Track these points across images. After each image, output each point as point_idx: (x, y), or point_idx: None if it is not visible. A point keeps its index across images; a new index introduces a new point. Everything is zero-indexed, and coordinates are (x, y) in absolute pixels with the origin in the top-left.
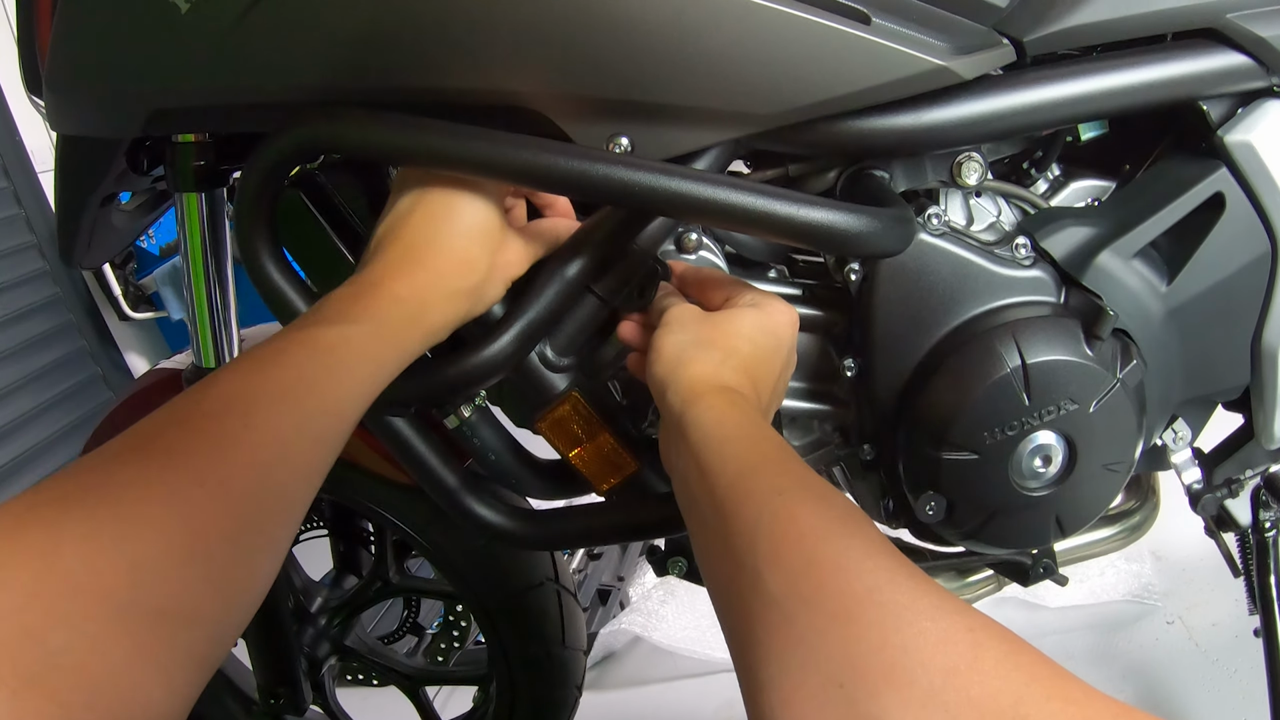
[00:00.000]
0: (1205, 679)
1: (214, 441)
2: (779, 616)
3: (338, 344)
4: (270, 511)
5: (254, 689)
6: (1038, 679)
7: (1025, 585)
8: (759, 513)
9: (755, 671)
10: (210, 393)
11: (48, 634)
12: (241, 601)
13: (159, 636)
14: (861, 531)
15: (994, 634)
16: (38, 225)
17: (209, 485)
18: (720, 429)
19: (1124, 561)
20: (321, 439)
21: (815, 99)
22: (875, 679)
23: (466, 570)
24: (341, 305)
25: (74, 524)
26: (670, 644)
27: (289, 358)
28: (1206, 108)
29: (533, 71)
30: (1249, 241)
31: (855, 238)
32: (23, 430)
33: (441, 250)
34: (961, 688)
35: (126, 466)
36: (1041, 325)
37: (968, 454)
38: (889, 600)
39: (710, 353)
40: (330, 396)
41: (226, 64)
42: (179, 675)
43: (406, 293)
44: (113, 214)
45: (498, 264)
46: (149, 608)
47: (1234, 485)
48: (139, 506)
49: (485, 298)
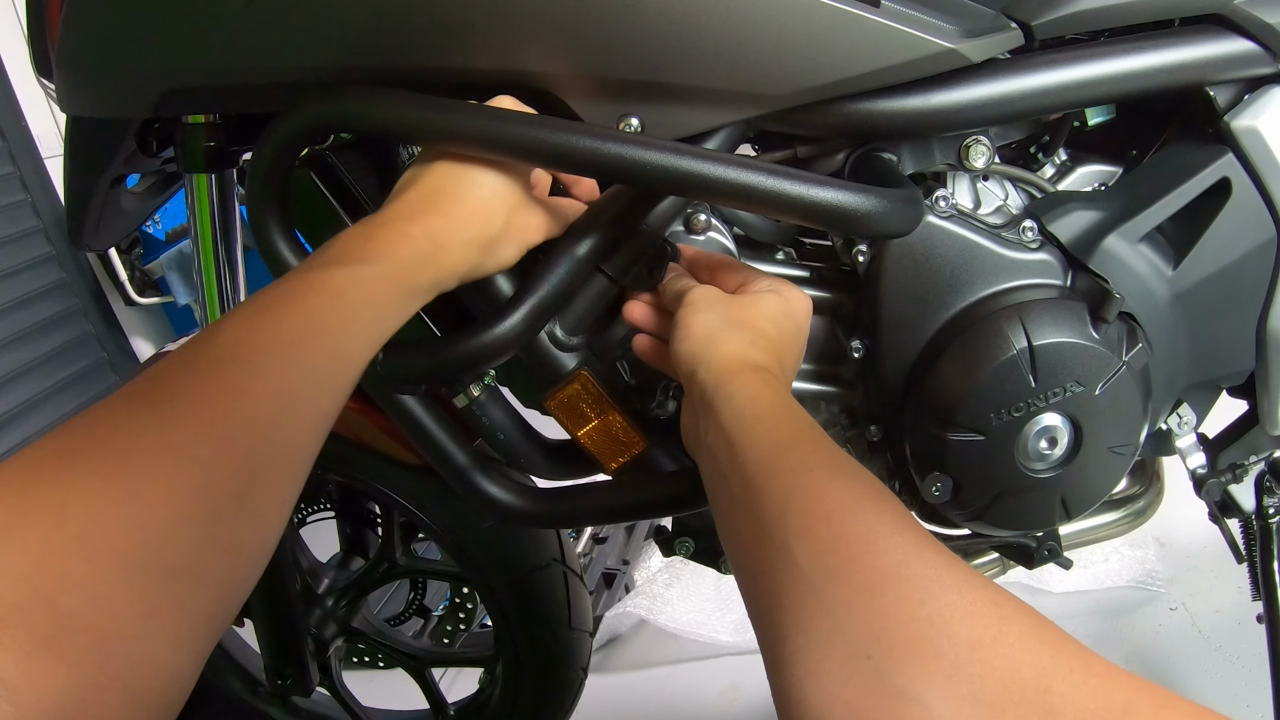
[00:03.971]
0: (1208, 665)
1: (221, 392)
2: (807, 589)
3: (347, 286)
4: (277, 465)
5: (261, 670)
6: (1061, 652)
7: (1030, 568)
8: (790, 488)
9: (781, 643)
10: (218, 339)
11: (59, 596)
12: (249, 559)
13: (168, 596)
14: (889, 508)
15: (1018, 608)
16: (44, 210)
17: (214, 440)
18: (755, 406)
19: (1128, 547)
20: (329, 388)
21: (825, 80)
22: (902, 651)
23: (473, 551)
24: (352, 244)
25: (81, 480)
26: (675, 627)
27: (296, 302)
28: (1213, 93)
29: (545, 51)
30: (1255, 227)
31: (864, 218)
32: (28, 415)
33: (459, 198)
34: (986, 659)
35: (133, 418)
36: (1048, 308)
37: (974, 435)
38: (916, 574)
39: (741, 333)
40: (339, 343)
41: (238, 44)
42: (188, 635)
43: (420, 233)
44: (121, 196)
45: (514, 224)
46: (157, 567)
47: (1238, 471)
48: (145, 462)
49: (498, 255)
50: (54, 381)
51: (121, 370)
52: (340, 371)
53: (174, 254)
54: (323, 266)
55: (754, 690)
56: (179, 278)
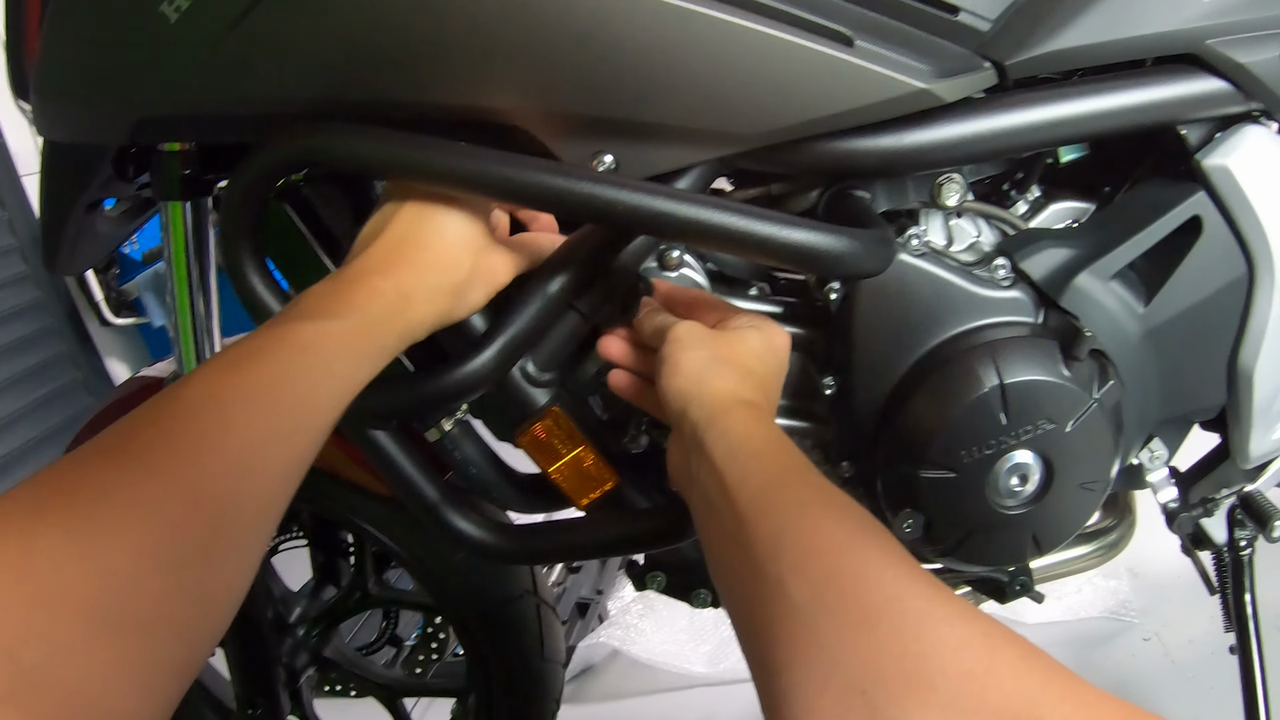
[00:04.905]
0: (1181, 695)
1: (189, 444)
2: (801, 624)
3: (317, 339)
4: (245, 516)
5: (232, 699)
6: (1052, 682)
7: (1002, 602)
8: (783, 524)
9: (776, 679)
10: (186, 392)
11: (22, 648)
12: (217, 608)
13: (134, 646)
14: (882, 543)
15: (1009, 639)
16: (20, 228)
17: (182, 492)
18: (747, 443)
19: (1101, 579)
20: (298, 440)
21: (798, 120)
22: (897, 685)
23: (446, 582)
24: (321, 300)
25: (46, 531)
26: (649, 657)
27: (266, 355)
28: (1185, 132)
29: (519, 89)
30: (1226, 264)
31: (836, 259)
32: (2, 435)
33: (425, 246)
34: (979, 692)
35: (102, 470)
36: (1020, 345)
37: (946, 472)
38: (909, 608)
39: (730, 370)
40: (308, 395)
41: (214, 74)
42: (156, 685)
43: (388, 286)
44: (97, 220)
45: (481, 269)
46: (124, 618)
47: (1210, 504)
48: (112, 514)
49: (466, 301)
50: (27, 402)
51: (96, 391)
52: (310, 423)
53: (150, 275)
54: (293, 320)
55: None
56: (155, 299)
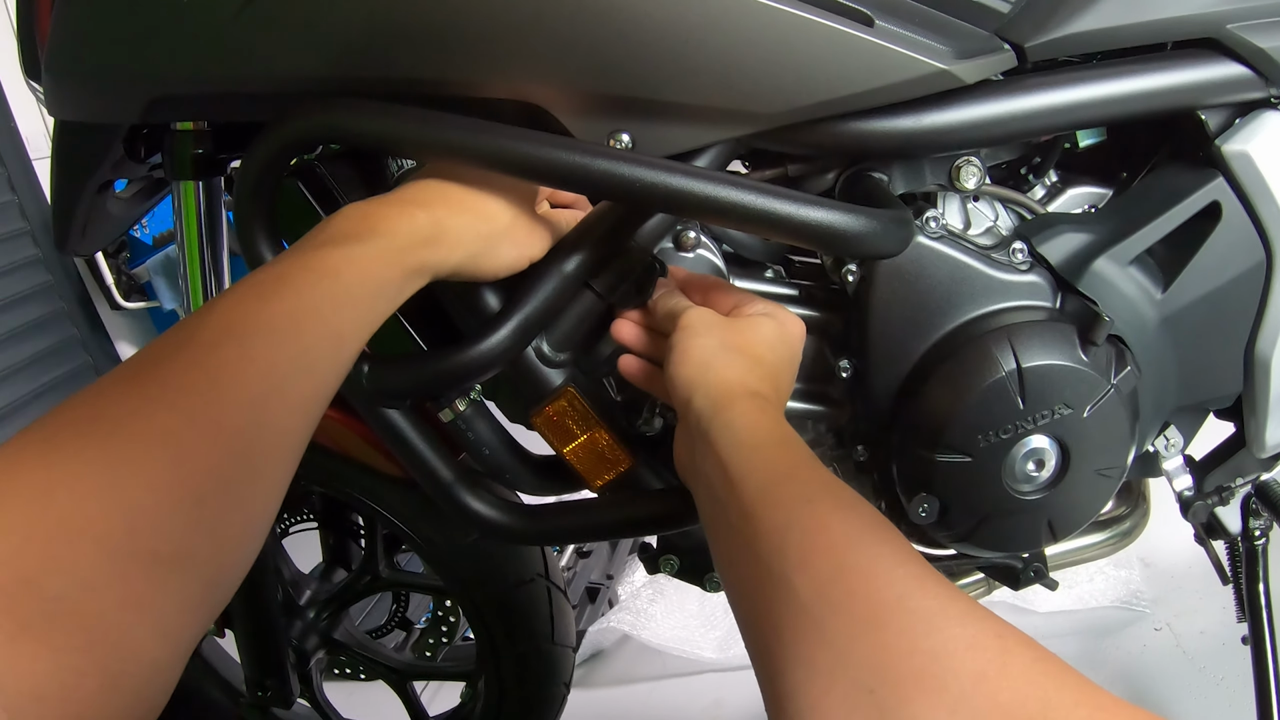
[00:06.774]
0: (1192, 686)
1: (209, 375)
2: (807, 622)
3: (341, 266)
4: (265, 449)
5: (241, 681)
6: (1065, 686)
7: (1015, 589)
8: (789, 520)
9: (781, 676)
10: (209, 320)
11: (44, 579)
12: (237, 545)
13: (152, 582)
14: (890, 540)
15: (1022, 641)
16: (31, 212)
17: (201, 424)
18: (753, 435)
19: (1113, 568)
20: (320, 370)
21: (816, 99)
22: (905, 684)
23: (456, 565)
24: (352, 222)
25: (66, 464)
26: (659, 642)
27: (290, 284)
28: (1205, 117)
29: (536, 67)
30: (1244, 251)
31: (853, 238)
32: (11, 419)
33: (466, 192)
34: (990, 693)
35: (119, 402)
36: (1037, 330)
37: (961, 456)
38: (918, 607)
39: (738, 358)
40: (330, 324)
41: (227, 52)
42: (173, 623)
43: (424, 215)
44: (108, 201)
45: (517, 229)
46: (142, 552)
47: (1224, 493)
48: (131, 447)
49: (496, 254)
50: (37, 385)
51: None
52: (332, 354)
53: (161, 258)
54: (318, 246)
55: (737, 707)
56: (165, 282)
